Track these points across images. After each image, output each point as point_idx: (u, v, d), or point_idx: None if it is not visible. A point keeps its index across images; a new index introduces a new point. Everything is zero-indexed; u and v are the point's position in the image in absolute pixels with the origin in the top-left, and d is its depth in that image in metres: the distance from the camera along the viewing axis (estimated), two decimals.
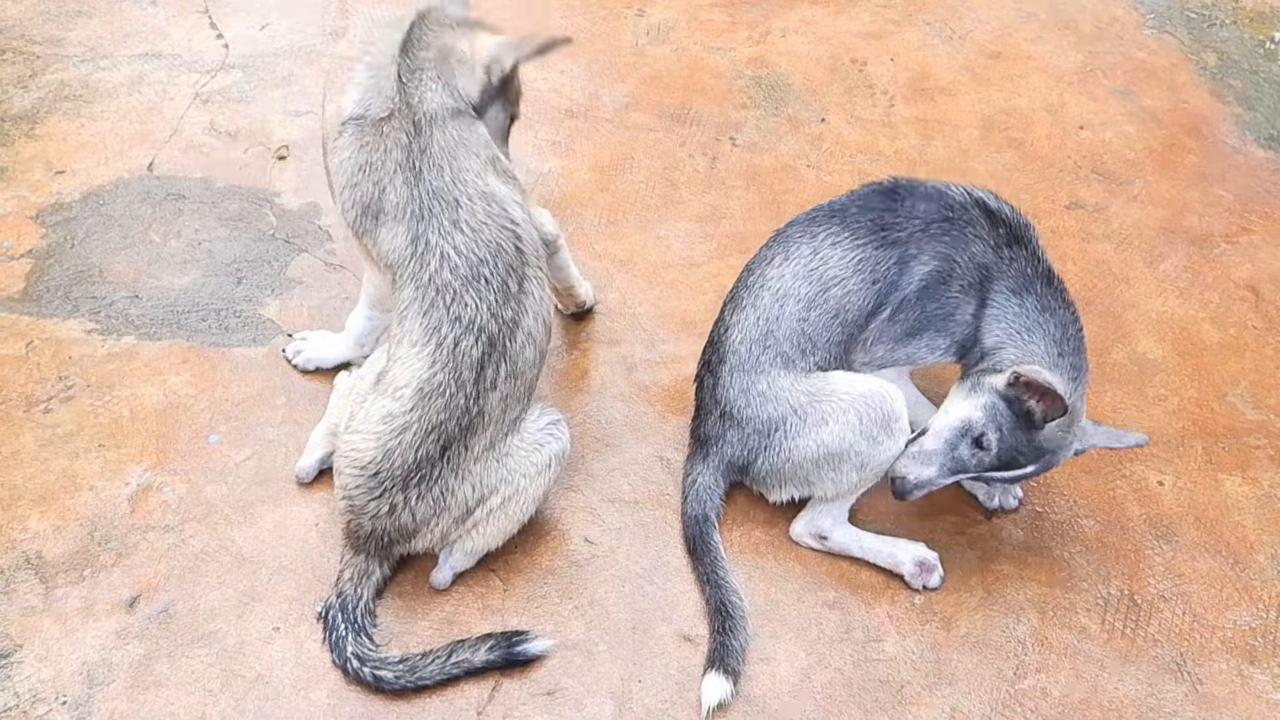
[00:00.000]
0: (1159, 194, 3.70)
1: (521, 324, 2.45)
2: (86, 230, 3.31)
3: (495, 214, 2.45)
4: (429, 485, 2.43)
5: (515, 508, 2.53)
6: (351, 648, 2.41)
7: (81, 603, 2.51)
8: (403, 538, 2.49)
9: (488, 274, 2.42)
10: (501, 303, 2.42)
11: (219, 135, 3.66)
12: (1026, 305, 2.56)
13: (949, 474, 2.50)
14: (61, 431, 2.82)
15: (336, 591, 2.49)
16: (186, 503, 2.70)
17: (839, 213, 2.68)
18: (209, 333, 3.06)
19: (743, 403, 2.63)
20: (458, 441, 2.42)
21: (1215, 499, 2.84)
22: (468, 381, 2.40)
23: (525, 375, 2.50)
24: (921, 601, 2.60)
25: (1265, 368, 3.16)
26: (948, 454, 2.48)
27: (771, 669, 2.48)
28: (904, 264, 2.60)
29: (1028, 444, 2.46)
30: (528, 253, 2.49)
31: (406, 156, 2.45)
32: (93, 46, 3.97)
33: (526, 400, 2.54)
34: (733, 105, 3.94)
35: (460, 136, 2.48)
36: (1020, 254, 2.59)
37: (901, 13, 4.43)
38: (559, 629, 2.52)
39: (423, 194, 2.43)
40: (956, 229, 2.60)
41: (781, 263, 2.66)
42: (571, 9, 4.34)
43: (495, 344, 2.42)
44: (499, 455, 2.48)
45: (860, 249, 2.61)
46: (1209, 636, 2.57)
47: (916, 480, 2.49)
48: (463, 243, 2.42)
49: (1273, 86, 4.16)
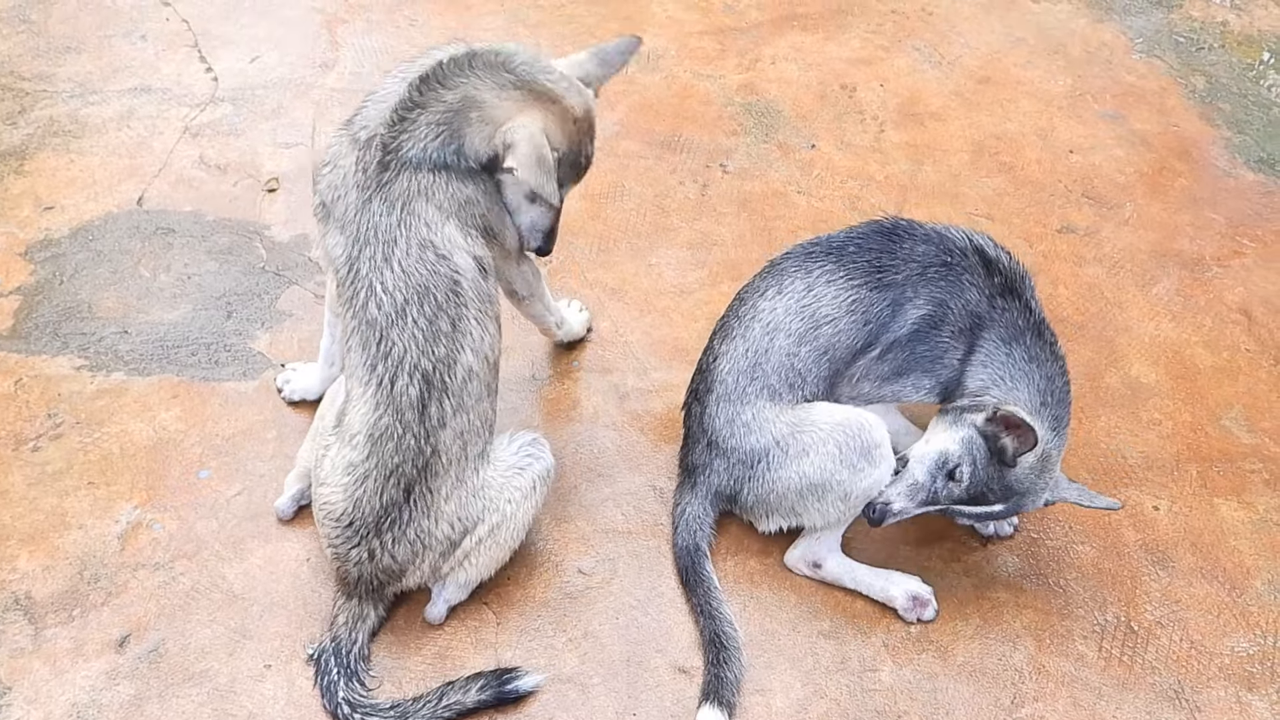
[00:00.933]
0: (1150, 217, 3.70)
1: (460, 360, 2.39)
2: (75, 266, 3.30)
3: (431, 260, 2.36)
4: (402, 528, 2.41)
5: (504, 535, 2.51)
6: (343, 693, 2.38)
7: (71, 643, 2.49)
8: (391, 579, 2.47)
9: (414, 314, 2.36)
10: (431, 340, 2.37)
11: (208, 168, 3.66)
12: (1014, 355, 2.56)
13: (921, 505, 2.49)
14: (51, 469, 2.80)
15: (330, 635, 2.47)
16: (177, 539, 2.68)
17: (836, 250, 2.68)
18: (199, 367, 3.05)
19: (728, 432, 2.62)
20: (419, 482, 2.39)
21: (1211, 524, 2.83)
22: (413, 422, 2.37)
23: (477, 409, 2.45)
24: (917, 630, 2.59)
25: (1259, 391, 3.16)
26: (927, 485, 2.48)
27: (767, 700, 2.46)
28: (898, 306, 2.60)
29: (998, 481, 2.47)
30: (467, 296, 2.40)
31: (364, 183, 2.37)
32: (82, 82, 3.97)
33: (488, 433, 2.51)
34: (723, 132, 3.95)
35: (429, 187, 2.37)
36: (1013, 305, 2.59)
37: (891, 39, 4.45)
38: (552, 662, 2.50)
39: (364, 223, 2.38)
40: (953, 274, 2.60)
41: (774, 296, 2.66)
42: (562, 38, 4.35)
43: (433, 382, 2.38)
44: (473, 489, 2.46)
45: (855, 289, 2.61)
46: (1207, 663, 2.55)
47: (900, 509, 2.48)
48: (390, 280, 2.36)
49: (1261, 109, 4.17)
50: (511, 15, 4.45)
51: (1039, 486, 2.51)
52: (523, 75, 2.40)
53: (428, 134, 2.37)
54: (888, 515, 2.48)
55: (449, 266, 2.38)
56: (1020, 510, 2.54)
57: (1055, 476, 2.54)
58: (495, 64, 2.39)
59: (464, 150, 2.39)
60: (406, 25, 4.37)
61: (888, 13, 4.58)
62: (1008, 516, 2.57)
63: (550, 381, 3.07)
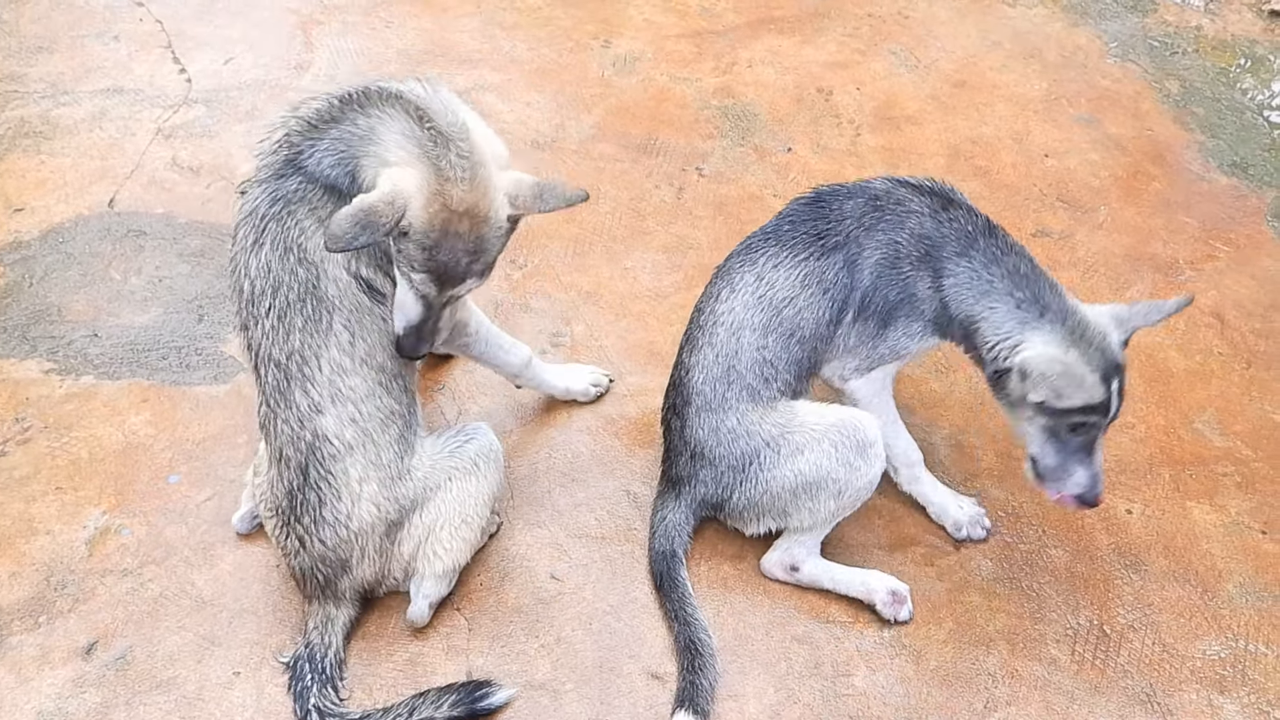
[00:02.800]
0: (1124, 221, 3.71)
1: (324, 355, 2.39)
2: (45, 268, 3.27)
3: (292, 263, 2.36)
4: (315, 510, 2.41)
5: (456, 512, 2.50)
6: (314, 699, 2.37)
7: (37, 650, 2.46)
8: (337, 570, 2.45)
9: (266, 305, 2.38)
10: (281, 333, 2.38)
11: (181, 171, 3.63)
12: (977, 262, 2.53)
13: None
14: (18, 474, 2.77)
15: (305, 642, 2.46)
16: (146, 545, 2.66)
17: (773, 235, 2.68)
18: (170, 371, 3.03)
19: (713, 442, 2.61)
20: (313, 465, 2.40)
21: (1183, 527, 2.84)
22: (281, 407, 2.40)
23: (370, 401, 2.43)
24: (891, 635, 2.58)
25: (1231, 394, 3.17)
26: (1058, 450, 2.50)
27: (740, 706, 2.45)
28: (851, 263, 2.59)
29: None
30: (331, 303, 2.38)
31: (263, 168, 2.41)
32: (54, 83, 3.94)
33: (399, 422, 2.48)
34: (699, 135, 3.94)
35: (315, 200, 2.36)
36: (956, 214, 2.58)
37: (867, 42, 4.45)
38: (525, 669, 2.49)
39: (250, 203, 2.40)
40: (888, 212, 2.60)
41: (729, 296, 2.65)
42: (538, 41, 4.34)
43: (290, 372, 2.39)
44: (397, 472, 2.45)
45: (803, 263, 2.61)
46: (1179, 666, 2.56)
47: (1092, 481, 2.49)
48: (254, 267, 2.38)
49: (1234, 114, 4.19)
50: (488, 18, 4.44)
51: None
52: (430, 135, 2.24)
53: (328, 150, 2.35)
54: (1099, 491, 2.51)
55: (310, 272, 2.37)
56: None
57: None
58: (414, 112, 2.27)
59: (357, 179, 2.35)
60: (382, 27, 4.35)
61: (864, 16, 4.58)
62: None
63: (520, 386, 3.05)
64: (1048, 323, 2.45)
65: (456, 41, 4.31)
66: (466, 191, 2.24)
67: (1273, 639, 2.61)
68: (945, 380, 3.14)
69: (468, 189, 2.24)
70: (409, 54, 4.22)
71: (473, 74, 4.14)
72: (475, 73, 4.15)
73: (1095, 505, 2.51)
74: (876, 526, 2.79)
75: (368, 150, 2.32)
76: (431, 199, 2.23)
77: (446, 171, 2.22)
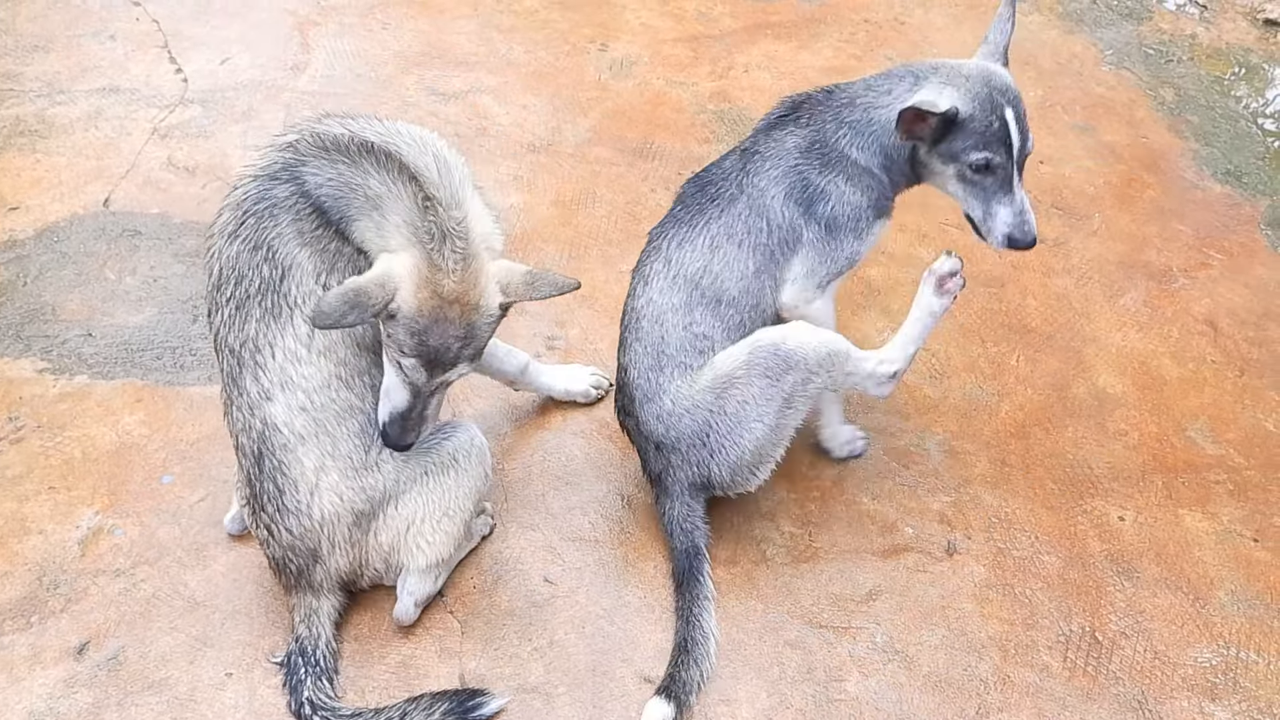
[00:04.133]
0: (1118, 228, 3.72)
1: (279, 345, 2.38)
2: (40, 268, 3.27)
3: (259, 260, 2.37)
4: (275, 499, 2.42)
5: (433, 507, 2.49)
6: (308, 692, 2.37)
7: (29, 650, 2.45)
8: (308, 560, 2.45)
9: (228, 293, 2.39)
10: (237, 321, 2.39)
11: (177, 170, 3.63)
12: (858, 120, 2.62)
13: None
14: (11, 474, 2.77)
15: (294, 637, 2.46)
16: (138, 545, 2.66)
17: (668, 220, 2.75)
18: (164, 371, 3.02)
19: (663, 428, 2.63)
20: (267, 454, 2.41)
21: (1175, 534, 2.84)
22: (235, 394, 2.42)
23: (324, 393, 2.41)
24: (883, 640, 2.59)
25: (1224, 402, 3.18)
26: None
27: (733, 710, 2.45)
28: (756, 203, 2.65)
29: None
30: (293, 298, 2.38)
31: (263, 161, 2.41)
32: (50, 81, 3.93)
33: (362, 418, 2.46)
34: (695, 140, 3.95)
35: (304, 216, 2.36)
36: (819, 106, 2.68)
37: (864, 47, 4.46)
38: (518, 672, 2.49)
39: (241, 192, 2.40)
40: (766, 147, 2.68)
41: (644, 289, 2.70)
42: (535, 44, 4.34)
43: (243, 359, 2.40)
44: (360, 464, 2.44)
45: (705, 228, 2.66)
46: (1170, 674, 2.56)
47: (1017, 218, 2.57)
48: (226, 253, 2.39)
49: (1229, 122, 4.21)
50: (485, 20, 4.45)
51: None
52: (430, 227, 2.24)
53: (331, 181, 2.34)
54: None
55: (275, 272, 2.38)
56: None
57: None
58: (421, 202, 2.25)
59: (347, 227, 2.36)
60: (379, 29, 4.36)
61: (860, 22, 4.59)
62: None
63: (519, 389, 3.05)
64: (924, 81, 2.57)
65: (453, 44, 4.31)
66: (457, 282, 2.26)
67: (1264, 646, 2.62)
68: (939, 386, 3.15)
69: (459, 280, 2.26)
70: (406, 56, 4.22)
71: (469, 76, 4.14)
72: (472, 75, 4.15)
73: (1030, 245, 2.56)
74: (870, 533, 2.80)
75: (369, 214, 2.32)
76: (422, 285, 2.25)
77: (439, 263, 2.25)
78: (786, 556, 2.74)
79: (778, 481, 2.88)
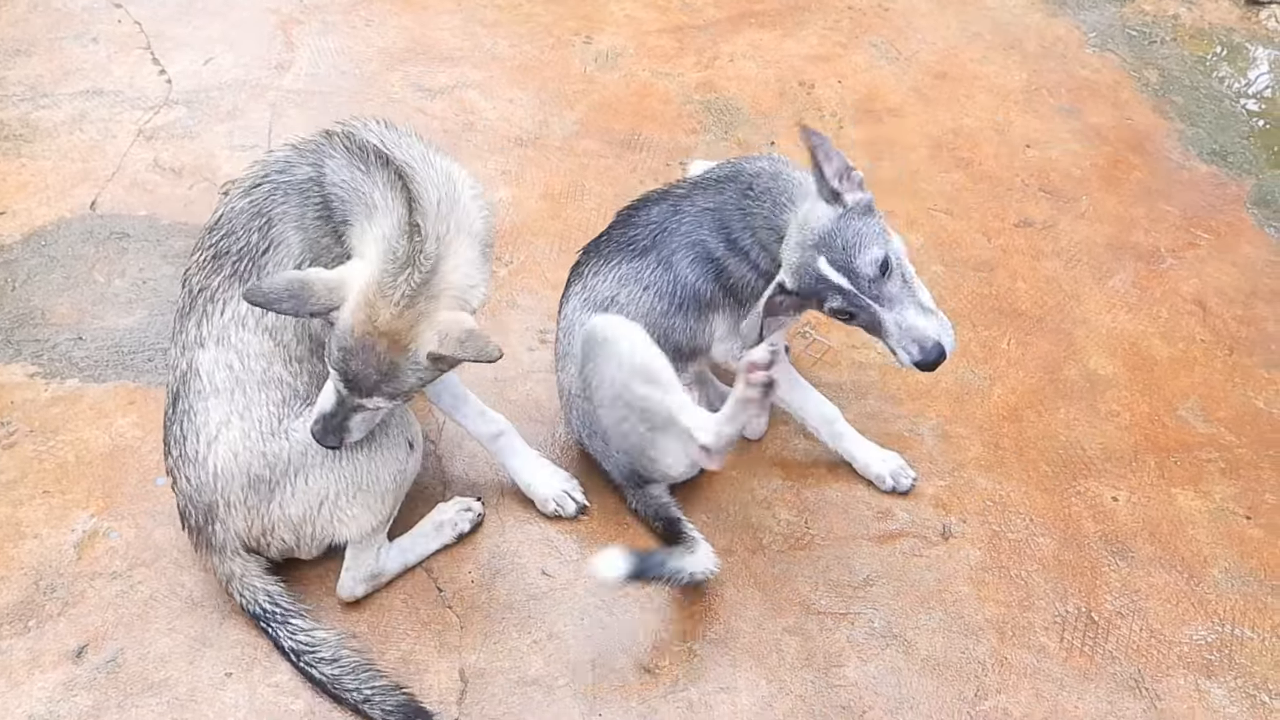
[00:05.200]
0: (1106, 210, 3.73)
1: (230, 305, 2.42)
2: (28, 272, 3.26)
3: (256, 237, 2.41)
4: (182, 445, 2.45)
5: (347, 482, 2.48)
6: (288, 642, 2.44)
7: (27, 654, 2.45)
8: (205, 515, 2.47)
9: (213, 240, 2.45)
10: (208, 272, 2.44)
11: (163, 172, 3.62)
12: (762, 210, 2.60)
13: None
14: (4, 479, 2.76)
15: (241, 607, 2.51)
16: (135, 547, 2.65)
17: (592, 248, 2.82)
18: (155, 373, 3.02)
19: (582, 428, 2.78)
20: (183, 396, 2.45)
21: (1169, 514, 2.86)
22: (177, 330, 2.49)
23: (256, 362, 2.43)
24: (881, 625, 2.60)
25: (1214, 381, 3.19)
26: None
27: (733, 698, 2.46)
28: (665, 263, 2.67)
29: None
30: (265, 270, 2.40)
31: (293, 146, 2.47)
32: (33, 85, 3.92)
33: (285, 392, 2.46)
34: (682, 130, 3.95)
35: (307, 191, 2.40)
36: (713, 184, 2.68)
37: (848, 35, 4.46)
38: (517, 665, 2.49)
39: (270, 159, 2.47)
40: (685, 214, 2.68)
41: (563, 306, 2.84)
42: (519, 37, 4.34)
43: (194, 303, 2.46)
44: (270, 431, 2.44)
45: (616, 268, 2.71)
46: (1166, 652, 2.58)
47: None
48: (229, 207, 2.44)
49: (1213, 102, 4.22)
50: (469, 15, 4.44)
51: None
52: (401, 251, 2.23)
53: (345, 182, 2.36)
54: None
55: (262, 242, 2.41)
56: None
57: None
58: (406, 224, 2.24)
59: (342, 229, 2.38)
60: (363, 25, 4.34)
61: (844, 9, 4.60)
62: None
63: (512, 382, 3.05)
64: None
65: (437, 39, 4.30)
66: (394, 316, 2.22)
67: (1258, 623, 2.64)
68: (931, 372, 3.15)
69: (396, 314, 2.22)
70: (390, 52, 4.21)
71: (454, 71, 4.13)
72: (457, 70, 4.14)
73: (936, 360, 2.41)
74: (866, 519, 2.80)
75: (362, 220, 2.32)
76: (362, 306, 2.23)
77: (387, 291, 2.22)
78: (783, 544, 2.75)
79: (773, 469, 2.90)
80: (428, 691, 2.44)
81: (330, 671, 2.40)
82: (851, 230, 2.40)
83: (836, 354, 3.17)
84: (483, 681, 2.47)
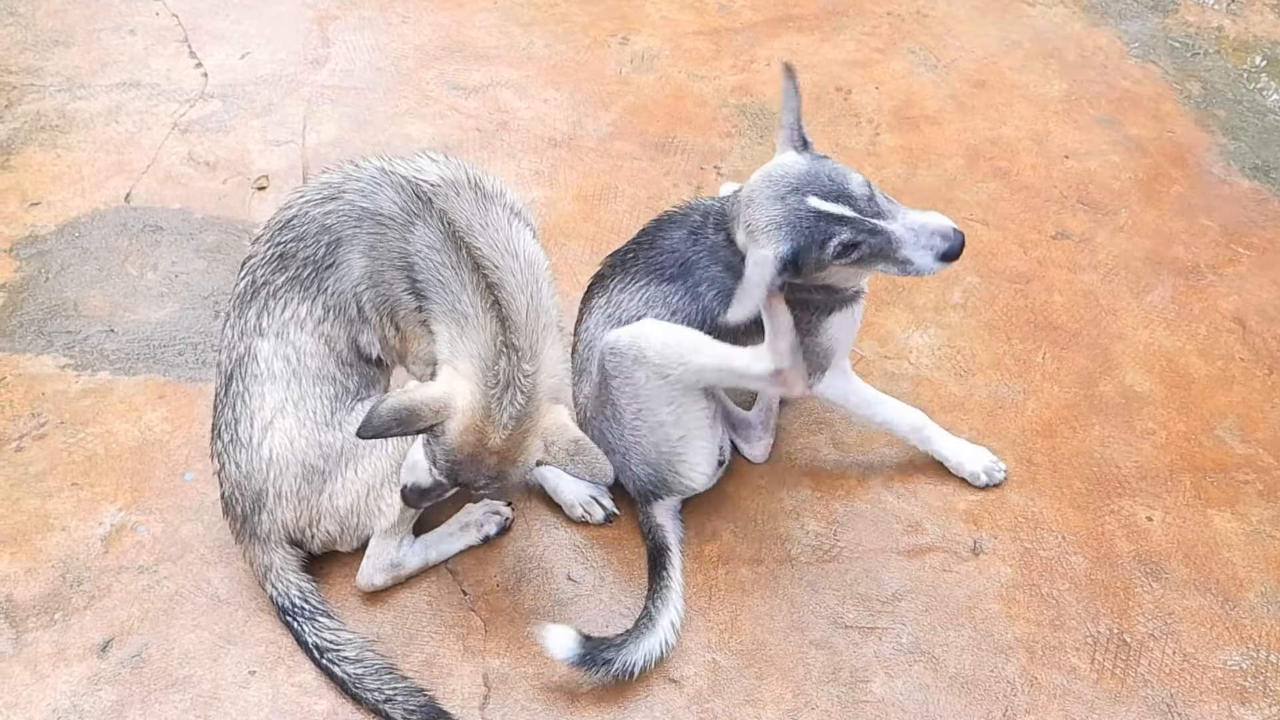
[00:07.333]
0: (1145, 224, 3.68)
1: (292, 306, 2.45)
2: (62, 263, 3.27)
3: (324, 240, 2.42)
4: (233, 429, 2.47)
5: (391, 467, 2.49)
6: (311, 638, 2.44)
7: (53, 647, 2.46)
8: (253, 503, 2.47)
9: (283, 239, 2.45)
10: (272, 269, 2.46)
11: (197, 165, 3.62)
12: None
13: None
14: (34, 470, 2.77)
15: (274, 600, 2.51)
16: (161, 542, 2.65)
17: (618, 261, 2.76)
18: (186, 367, 3.02)
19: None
20: (238, 377, 2.47)
21: (1204, 535, 2.81)
22: (234, 315, 2.50)
23: (312, 362, 2.45)
24: (909, 641, 2.57)
25: (1253, 401, 3.14)
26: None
27: (758, 711, 2.44)
28: (693, 291, 2.59)
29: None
30: (325, 284, 2.44)
31: (383, 176, 2.43)
32: (70, 76, 3.93)
33: (338, 388, 2.49)
34: (717, 134, 3.92)
35: (382, 229, 2.40)
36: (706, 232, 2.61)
37: (886, 41, 4.42)
38: (541, 671, 2.48)
39: (354, 173, 2.45)
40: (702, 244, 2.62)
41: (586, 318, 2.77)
42: (555, 37, 4.32)
43: (255, 294, 2.47)
44: (325, 421, 2.46)
45: (643, 289, 2.64)
46: (1199, 676, 2.54)
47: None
48: (302, 213, 2.44)
49: (1256, 116, 4.16)
50: (505, 13, 4.43)
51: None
52: (500, 372, 2.24)
53: (427, 259, 2.34)
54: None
55: (325, 260, 2.43)
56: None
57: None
58: (501, 344, 2.25)
59: (425, 304, 2.38)
60: (399, 22, 4.34)
61: (883, 15, 4.56)
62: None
63: None
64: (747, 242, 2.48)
65: (473, 37, 4.29)
66: (504, 439, 2.25)
67: None
68: (964, 384, 3.12)
69: (505, 436, 2.24)
70: (425, 49, 4.20)
71: (489, 70, 4.12)
72: (492, 69, 4.13)
73: (956, 250, 2.37)
74: (895, 532, 2.77)
75: (448, 322, 2.31)
76: (469, 429, 2.24)
77: (494, 414, 2.23)
78: (811, 555, 2.72)
79: (802, 479, 2.87)
80: (451, 696, 2.43)
81: (353, 671, 2.39)
82: (828, 166, 2.42)
83: (869, 364, 3.14)
84: (506, 687, 2.45)
